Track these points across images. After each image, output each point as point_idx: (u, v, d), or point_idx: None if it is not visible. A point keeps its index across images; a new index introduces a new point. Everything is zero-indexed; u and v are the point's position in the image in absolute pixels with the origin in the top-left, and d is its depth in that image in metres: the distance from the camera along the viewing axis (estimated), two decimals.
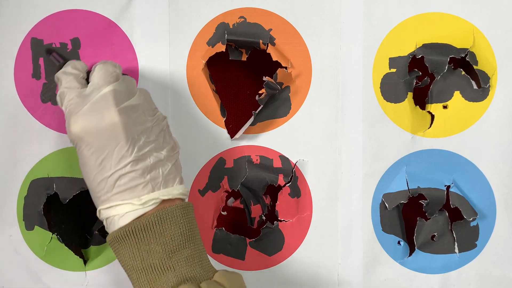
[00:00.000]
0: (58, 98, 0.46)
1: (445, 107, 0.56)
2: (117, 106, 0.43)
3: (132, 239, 0.42)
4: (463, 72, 0.55)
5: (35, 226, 0.54)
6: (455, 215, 0.56)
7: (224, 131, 0.55)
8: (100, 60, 0.52)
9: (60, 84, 0.46)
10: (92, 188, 0.44)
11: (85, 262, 0.55)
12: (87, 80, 0.47)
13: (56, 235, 0.54)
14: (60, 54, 0.52)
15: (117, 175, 0.42)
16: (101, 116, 0.43)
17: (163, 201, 0.44)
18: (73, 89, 0.45)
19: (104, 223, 0.44)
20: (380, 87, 0.55)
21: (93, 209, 0.45)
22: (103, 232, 0.55)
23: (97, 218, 0.45)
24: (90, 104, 0.43)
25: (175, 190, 0.44)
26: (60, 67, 0.48)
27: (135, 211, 0.42)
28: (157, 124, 0.45)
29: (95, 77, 0.45)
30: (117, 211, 0.43)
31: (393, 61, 0.55)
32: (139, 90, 0.46)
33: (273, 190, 0.56)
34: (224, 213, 0.56)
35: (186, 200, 0.46)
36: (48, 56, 0.52)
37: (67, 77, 0.46)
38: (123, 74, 0.48)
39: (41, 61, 0.53)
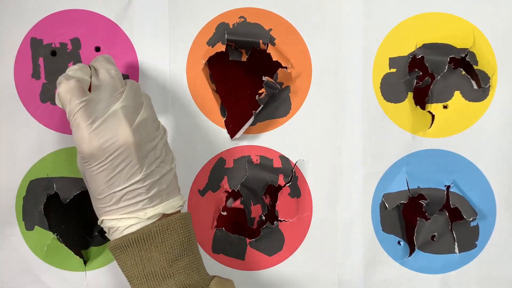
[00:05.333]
0: (58, 100, 0.43)
1: (445, 107, 0.56)
2: (130, 125, 0.42)
3: (135, 248, 0.43)
4: (463, 72, 0.55)
5: (35, 226, 0.53)
6: (455, 215, 0.56)
7: (224, 131, 0.55)
8: None
9: (59, 86, 0.43)
10: (96, 199, 0.44)
11: (85, 263, 0.55)
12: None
13: (56, 235, 0.53)
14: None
15: (124, 191, 0.43)
16: (114, 136, 0.42)
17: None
18: (76, 97, 0.42)
19: (106, 229, 0.45)
20: (380, 87, 0.55)
21: (93, 209, 0.45)
22: (104, 233, 0.55)
23: (97, 219, 0.45)
24: (101, 122, 0.42)
25: (176, 202, 0.45)
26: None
27: (139, 224, 0.43)
28: (161, 138, 0.46)
29: (102, 90, 0.43)
30: (122, 223, 0.44)
31: (393, 61, 0.55)
32: (144, 99, 0.45)
33: (273, 190, 0.56)
34: (224, 213, 0.56)
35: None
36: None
37: (68, 84, 0.42)
38: (123, 76, 0.47)
39: (40, 61, 0.53)
